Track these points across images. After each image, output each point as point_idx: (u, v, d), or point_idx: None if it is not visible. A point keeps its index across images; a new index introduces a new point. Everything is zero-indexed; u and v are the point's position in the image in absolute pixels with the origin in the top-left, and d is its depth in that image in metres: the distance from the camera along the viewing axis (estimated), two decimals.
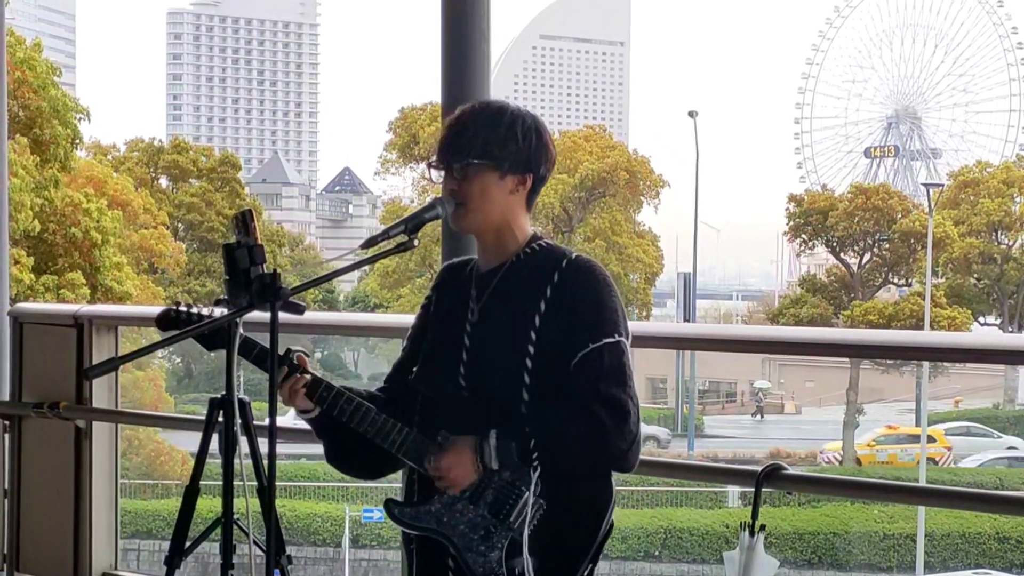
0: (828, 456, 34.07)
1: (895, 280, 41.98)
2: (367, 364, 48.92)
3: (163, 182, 41.45)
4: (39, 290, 21.87)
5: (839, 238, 40.90)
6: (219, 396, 3.55)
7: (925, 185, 41.90)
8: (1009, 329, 41.40)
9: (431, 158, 3.00)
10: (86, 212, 23.24)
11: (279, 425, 2.95)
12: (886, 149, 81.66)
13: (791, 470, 3.81)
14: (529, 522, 2.84)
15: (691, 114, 44.61)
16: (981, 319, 43.09)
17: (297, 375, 2.93)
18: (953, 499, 5.03)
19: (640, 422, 2.86)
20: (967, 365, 33.03)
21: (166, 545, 3.91)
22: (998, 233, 41.96)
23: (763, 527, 3.47)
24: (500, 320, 2.93)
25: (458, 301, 3.01)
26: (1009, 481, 29.71)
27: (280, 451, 3.01)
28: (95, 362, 5.01)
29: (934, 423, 37.52)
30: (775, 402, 47.30)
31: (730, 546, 4.79)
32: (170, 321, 3.16)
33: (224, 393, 3.44)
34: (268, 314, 2.76)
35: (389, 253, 2.90)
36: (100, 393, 5.22)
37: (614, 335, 2.86)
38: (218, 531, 3.59)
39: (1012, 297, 42.00)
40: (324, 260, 57.23)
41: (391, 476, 3.31)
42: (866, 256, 41.32)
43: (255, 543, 3.51)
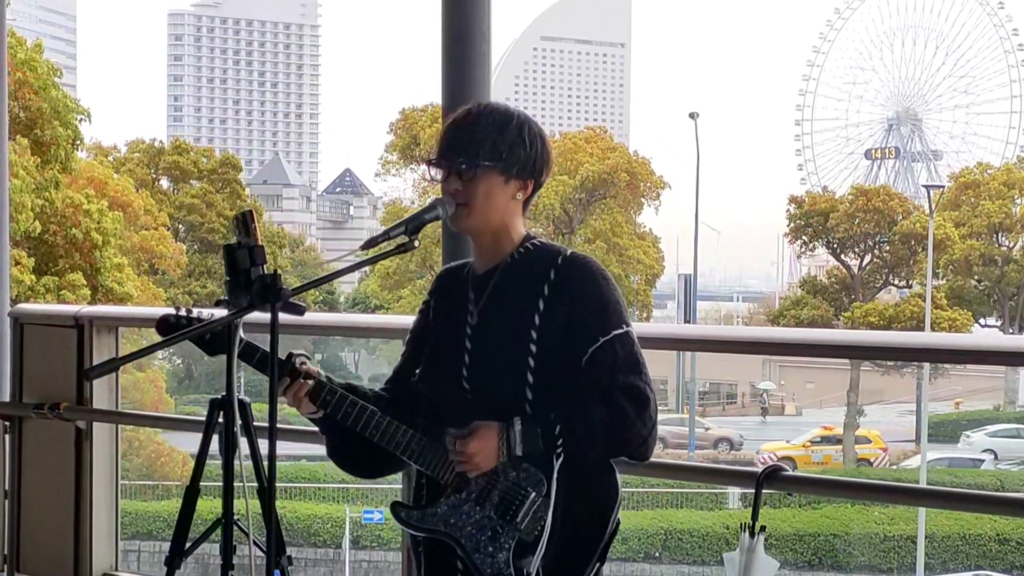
0: (764, 457, 33.75)
1: (896, 282, 41.98)
2: (367, 365, 48.90)
3: (164, 183, 41.48)
4: (40, 291, 21.86)
5: (840, 239, 40.89)
6: (219, 397, 3.54)
7: (926, 187, 41.89)
8: (1010, 331, 41.39)
9: (431, 156, 2.99)
10: (87, 213, 23.23)
11: (279, 426, 2.95)
12: (887, 151, 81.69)
13: (791, 471, 3.82)
14: (536, 522, 2.84)
15: (692, 115, 44.62)
16: (982, 321, 43.11)
17: (300, 381, 2.93)
18: (954, 501, 5.03)
19: (658, 409, 2.89)
20: (967, 367, 32.99)
21: (166, 546, 3.91)
22: (999, 235, 41.97)
23: (763, 528, 3.47)
24: (500, 322, 2.93)
25: (457, 305, 3.01)
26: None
27: (280, 452, 3.01)
28: (95, 363, 5.00)
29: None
30: (776, 403, 47.35)
31: (730, 547, 4.79)
32: (170, 326, 3.15)
33: (224, 394, 3.44)
34: (268, 315, 2.76)
35: (390, 254, 2.90)
36: (100, 394, 5.21)
37: (621, 326, 2.88)
38: (218, 532, 3.59)
39: (1012, 299, 42.00)
40: (324, 261, 57.25)
41: (391, 477, 3.31)
42: (867, 258, 41.32)
43: (255, 544, 3.50)
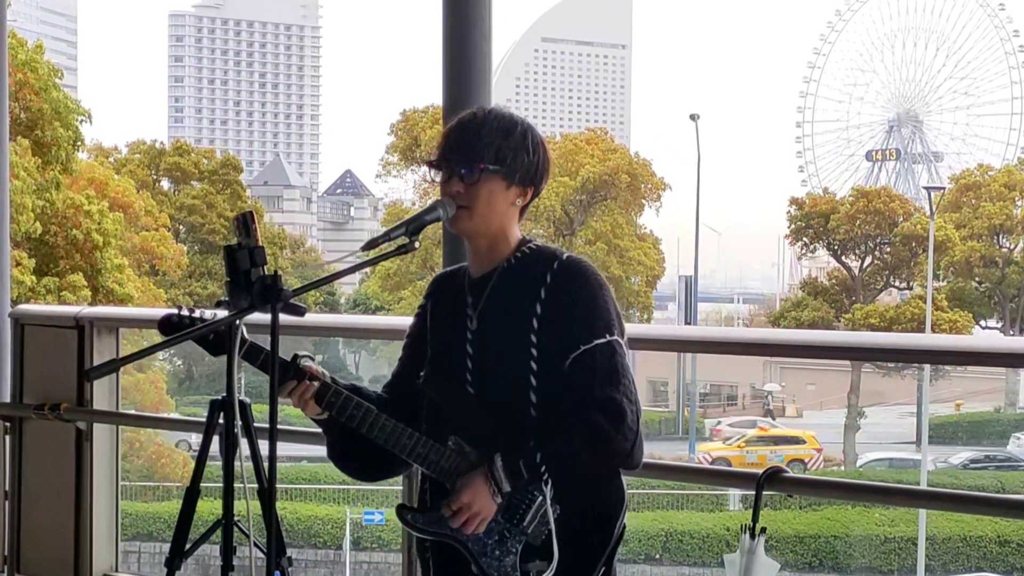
0: (701, 457, 33.63)
1: (896, 283, 41.96)
2: (368, 366, 48.85)
3: (164, 184, 41.50)
4: (40, 292, 21.85)
5: (840, 241, 40.87)
6: (220, 398, 3.54)
7: (926, 188, 41.92)
8: (1010, 332, 41.35)
9: (432, 157, 2.97)
10: (87, 214, 23.21)
11: (280, 427, 2.94)
12: (887, 152, 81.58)
13: (792, 473, 3.82)
14: (543, 526, 2.84)
15: (693, 117, 44.62)
16: (982, 322, 43.06)
17: (306, 382, 2.92)
18: (954, 502, 5.03)
19: (640, 419, 2.84)
20: (968, 368, 33.00)
21: (167, 547, 3.92)
22: (999, 237, 41.94)
23: (764, 530, 3.47)
24: (499, 326, 2.92)
25: (455, 309, 3.00)
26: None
27: (281, 453, 3.01)
28: (96, 364, 5.01)
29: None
30: (777, 405, 47.30)
31: (731, 549, 4.78)
32: (171, 326, 3.14)
33: (225, 395, 3.44)
34: (269, 316, 2.76)
35: (390, 255, 2.90)
36: (101, 395, 5.22)
37: (605, 335, 2.84)
38: (219, 533, 3.59)
39: (1013, 300, 41.97)
40: (325, 262, 57.22)
41: (391, 479, 3.30)
42: (867, 259, 41.30)
43: (256, 545, 3.50)
